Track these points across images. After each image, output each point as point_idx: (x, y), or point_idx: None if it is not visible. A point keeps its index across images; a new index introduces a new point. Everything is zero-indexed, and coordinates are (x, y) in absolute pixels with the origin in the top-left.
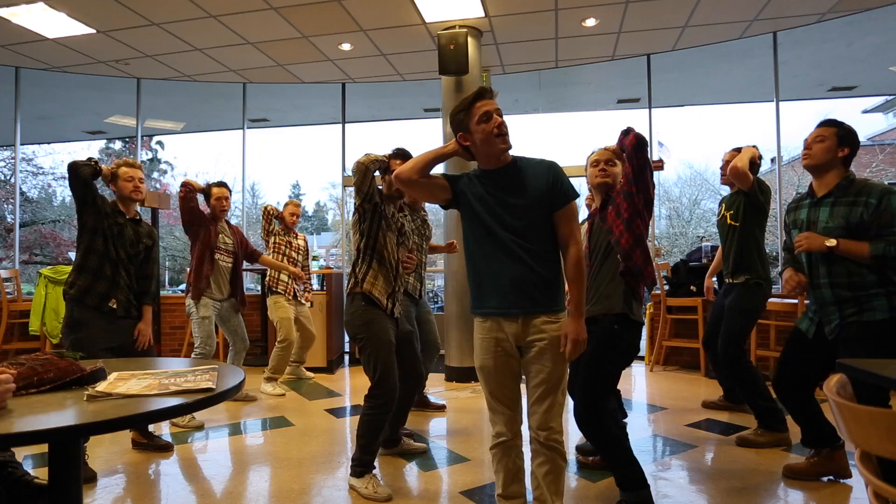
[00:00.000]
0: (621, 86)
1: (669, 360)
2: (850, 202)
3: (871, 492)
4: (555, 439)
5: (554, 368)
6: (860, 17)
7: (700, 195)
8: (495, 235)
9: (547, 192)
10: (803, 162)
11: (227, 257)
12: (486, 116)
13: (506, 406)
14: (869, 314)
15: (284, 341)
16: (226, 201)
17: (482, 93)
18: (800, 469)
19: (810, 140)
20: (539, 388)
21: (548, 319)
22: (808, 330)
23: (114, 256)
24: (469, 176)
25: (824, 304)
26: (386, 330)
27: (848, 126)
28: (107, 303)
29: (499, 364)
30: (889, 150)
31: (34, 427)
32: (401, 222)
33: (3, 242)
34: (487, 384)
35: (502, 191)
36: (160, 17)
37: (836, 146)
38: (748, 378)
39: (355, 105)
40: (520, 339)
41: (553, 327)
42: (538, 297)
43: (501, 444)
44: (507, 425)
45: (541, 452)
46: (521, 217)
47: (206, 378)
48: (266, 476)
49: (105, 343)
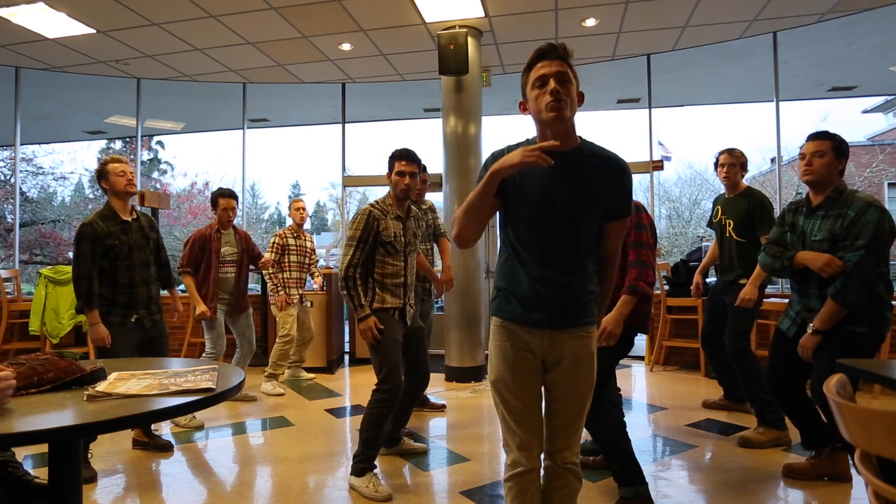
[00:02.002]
0: (621, 86)
1: (669, 360)
2: (835, 215)
3: (871, 492)
4: (573, 462)
5: (581, 385)
6: (860, 17)
7: (700, 195)
8: (540, 231)
9: (612, 197)
10: (804, 178)
11: (231, 268)
12: (542, 81)
13: (523, 426)
14: (852, 326)
15: (286, 336)
16: (232, 211)
17: (546, 51)
18: (800, 468)
19: (808, 154)
20: (565, 409)
21: (579, 332)
22: (788, 329)
23: (125, 280)
24: None
25: (811, 310)
26: (392, 328)
27: (840, 137)
28: (129, 319)
29: (519, 378)
30: (889, 150)
31: (34, 427)
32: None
33: (3, 242)
34: (505, 400)
35: (560, 181)
36: (160, 17)
37: (835, 160)
38: (751, 370)
39: (355, 105)
40: (546, 352)
41: (582, 342)
42: (573, 310)
43: (518, 475)
44: (525, 450)
45: (557, 474)
46: (574, 217)
47: (206, 378)
48: (266, 475)
49: (129, 346)
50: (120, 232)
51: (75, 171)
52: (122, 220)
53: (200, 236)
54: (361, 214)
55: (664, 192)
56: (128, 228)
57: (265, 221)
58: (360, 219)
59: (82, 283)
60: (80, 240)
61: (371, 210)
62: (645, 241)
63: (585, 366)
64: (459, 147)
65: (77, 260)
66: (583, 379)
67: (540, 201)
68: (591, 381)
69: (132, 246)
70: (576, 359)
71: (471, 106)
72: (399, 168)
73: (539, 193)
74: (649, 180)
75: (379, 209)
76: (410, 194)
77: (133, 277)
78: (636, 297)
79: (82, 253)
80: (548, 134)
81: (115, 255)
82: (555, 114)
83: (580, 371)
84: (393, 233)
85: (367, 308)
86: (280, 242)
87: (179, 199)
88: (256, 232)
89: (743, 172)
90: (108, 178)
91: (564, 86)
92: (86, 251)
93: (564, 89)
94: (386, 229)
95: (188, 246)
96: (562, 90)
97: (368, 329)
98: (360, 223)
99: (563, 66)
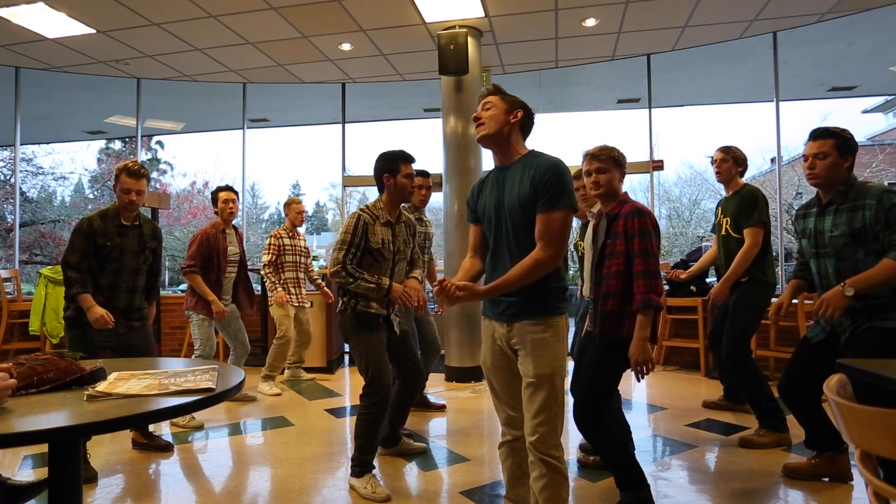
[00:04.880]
0: (621, 86)
1: (669, 360)
2: (850, 208)
3: (871, 492)
4: (550, 454)
5: (536, 371)
6: (860, 17)
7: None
8: (491, 231)
9: (533, 191)
10: (809, 181)
11: (231, 267)
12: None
13: (504, 403)
14: (881, 322)
15: (283, 338)
16: (233, 204)
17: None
18: (800, 469)
19: (811, 156)
20: (526, 389)
21: (531, 324)
22: (815, 337)
23: (107, 283)
24: (485, 176)
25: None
26: (376, 330)
27: (844, 132)
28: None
29: (496, 361)
30: (889, 150)
31: (34, 427)
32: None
33: (3, 242)
34: (488, 379)
35: (502, 187)
36: (160, 17)
37: (839, 159)
38: (752, 378)
39: (355, 105)
40: (507, 340)
41: (536, 329)
42: (523, 302)
43: (506, 443)
44: (508, 424)
45: (536, 466)
46: (512, 216)
47: (206, 378)
48: (266, 476)
49: (103, 342)
50: (116, 234)
51: (75, 171)
52: (122, 223)
53: (206, 236)
54: (352, 218)
55: (664, 192)
56: (125, 233)
57: (265, 221)
58: (350, 222)
59: (70, 272)
60: (76, 233)
61: (360, 214)
62: (650, 250)
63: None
64: (459, 147)
65: (67, 251)
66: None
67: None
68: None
69: (125, 250)
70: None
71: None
72: (407, 171)
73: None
74: (649, 180)
75: (368, 214)
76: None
77: (117, 282)
78: (652, 311)
79: (75, 245)
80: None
81: (105, 256)
82: (476, 130)
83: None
84: (381, 239)
85: (385, 279)
86: (276, 243)
87: (179, 199)
88: (256, 232)
89: (738, 168)
90: (117, 185)
91: (485, 108)
92: (78, 245)
93: (484, 111)
94: (374, 235)
95: (194, 245)
96: (480, 113)
97: (401, 295)
98: (350, 227)
99: (486, 96)
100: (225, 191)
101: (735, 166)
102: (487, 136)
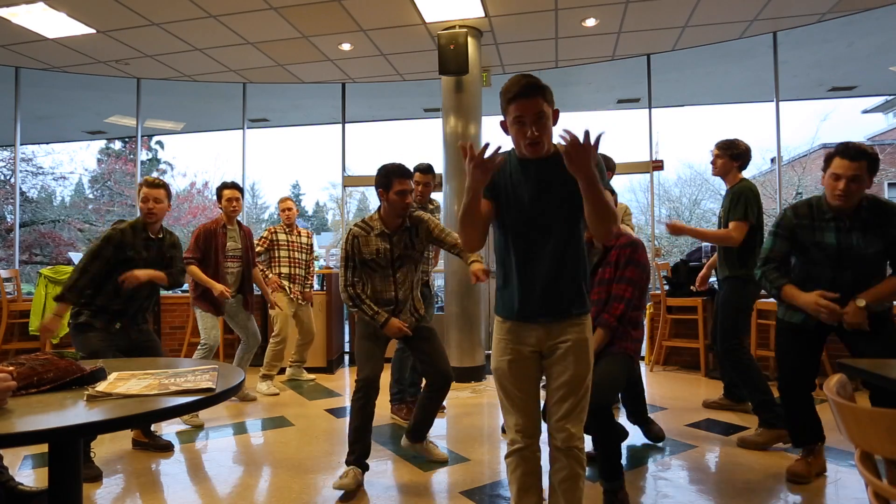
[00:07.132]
0: (621, 86)
1: (669, 360)
2: (879, 223)
3: (871, 492)
4: (575, 445)
5: (577, 370)
6: (860, 17)
7: (700, 195)
8: (529, 229)
9: None
10: (838, 202)
11: (235, 263)
12: (520, 123)
13: (519, 410)
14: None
15: (278, 337)
16: (237, 202)
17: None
18: (801, 472)
19: (845, 178)
20: (561, 389)
21: (575, 322)
22: (803, 322)
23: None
24: (509, 159)
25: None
26: (367, 326)
27: (874, 153)
28: (113, 325)
29: (523, 369)
30: (889, 150)
31: (34, 427)
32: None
33: (3, 242)
34: (503, 387)
35: (541, 182)
36: (160, 17)
37: (869, 180)
38: (746, 371)
39: (355, 105)
40: (543, 343)
41: (578, 329)
42: (566, 301)
43: (516, 451)
44: (521, 431)
45: (558, 458)
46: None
47: (206, 378)
48: (266, 476)
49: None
50: (142, 247)
51: (75, 171)
52: (149, 237)
53: (206, 230)
54: (346, 235)
55: (664, 192)
56: (151, 246)
57: (265, 221)
58: (344, 239)
59: (79, 276)
60: (106, 241)
61: (351, 230)
62: (629, 277)
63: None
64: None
65: (90, 255)
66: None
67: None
68: (586, 365)
69: (148, 262)
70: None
71: (471, 106)
72: (400, 187)
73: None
74: (649, 180)
75: (361, 227)
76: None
77: (136, 291)
78: (609, 334)
79: (101, 253)
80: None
81: (130, 267)
82: (533, 148)
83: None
84: (375, 249)
85: (383, 314)
86: (268, 237)
87: (179, 199)
88: (256, 232)
89: (734, 163)
90: (139, 198)
91: (540, 122)
92: (105, 253)
93: (540, 126)
94: (367, 247)
95: (193, 238)
96: (538, 130)
97: (398, 330)
98: (344, 244)
99: (538, 105)
100: (230, 188)
101: (731, 161)
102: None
